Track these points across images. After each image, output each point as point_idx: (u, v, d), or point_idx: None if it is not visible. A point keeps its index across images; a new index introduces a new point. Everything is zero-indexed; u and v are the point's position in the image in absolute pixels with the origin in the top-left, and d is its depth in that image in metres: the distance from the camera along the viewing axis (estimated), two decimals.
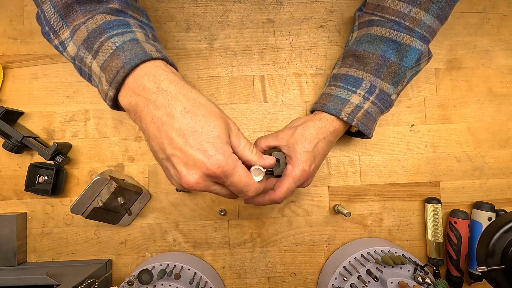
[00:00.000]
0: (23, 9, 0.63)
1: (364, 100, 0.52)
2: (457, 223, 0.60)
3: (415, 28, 0.51)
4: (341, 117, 0.52)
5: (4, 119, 0.57)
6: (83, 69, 0.43)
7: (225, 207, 0.63)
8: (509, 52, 0.65)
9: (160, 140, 0.37)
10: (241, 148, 0.41)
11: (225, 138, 0.37)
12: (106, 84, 0.39)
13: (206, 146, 0.36)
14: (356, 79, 0.53)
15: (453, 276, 0.61)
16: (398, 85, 0.53)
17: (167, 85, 0.37)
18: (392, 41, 0.51)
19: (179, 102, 0.37)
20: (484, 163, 0.64)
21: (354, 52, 0.54)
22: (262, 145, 0.54)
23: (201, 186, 0.38)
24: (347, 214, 0.58)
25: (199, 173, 0.37)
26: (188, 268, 0.56)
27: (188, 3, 0.64)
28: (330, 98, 0.54)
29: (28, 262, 0.61)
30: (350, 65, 0.55)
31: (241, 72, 0.64)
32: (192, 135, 0.36)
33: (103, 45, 0.39)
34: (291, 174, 0.49)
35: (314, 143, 0.51)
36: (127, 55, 0.38)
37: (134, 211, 0.61)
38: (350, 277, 0.55)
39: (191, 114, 0.36)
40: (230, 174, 0.37)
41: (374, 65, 0.52)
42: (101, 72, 0.40)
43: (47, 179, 0.60)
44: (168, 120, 0.36)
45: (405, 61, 0.51)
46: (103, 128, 0.63)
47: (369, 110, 0.53)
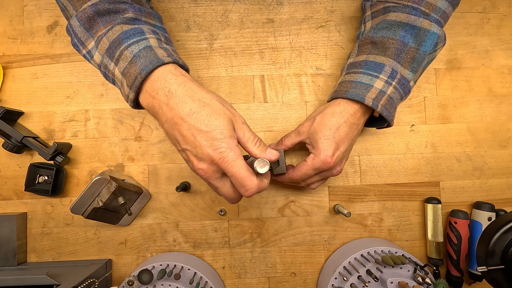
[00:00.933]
0: (23, 9, 0.63)
1: (387, 85, 0.51)
2: (457, 223, 0.60)
3: (431, 13, 0.51)
4: (366, 102, 0.50)
5: (4, 119, 0.57)
6: (107, 74, 0.49)
7: (225, 207, 0.63)
8: (509, 52, 0.65)
9: (174, 137, 0.43)
10: (245, 140, 0.44)
11: (228, 133, 0.42)
12: (127, 88, 0.45)
13: (211, 142, 0.41)
14: (377, 64, 0.52)
15: (453, 276, 0.61)
16: (416, 71, 0.53)
17: (176, 89, 0.43)
18: (410, 26, 0.50)
19: (186, 105, 0.42)
20: (484, 163, 0.64)
21: (372, 39, 0.53)
22: (287, 144, 0.55)
23: (208, 174, 0.43)
24: (347, 214, 0.58)
25: (207, 163, 0.42)
26: (188, 268, 0.56)
27: (188, 3, 0.64)
28: (352, 85, 0.52)
29: (28, 262, 0.61)
30: (369, 51, 0.54)
31: (241, 72, 0.64)
32: (199, 133, 0.41)
33: (122, 53, 0.45)
34: (312, 161, 0.51)
35: (335, 129, 0.51)
36: (142, 62, 0.43)
37: (134, 211, 0.61)
38: (350, 277, 0.55)
39: (197, 115, 0.41)
40: (231, 165, 0.41)
41: (395, 50, 0.51)
42: (122, 78, 0.46)
43: (47, 179, 0.60)
44: (178, 121, 0.42)
45: (424, 45, 0.51)
46: (103, 128, 0.63)
47: (391, 96, 0.52)
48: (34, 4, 0.63)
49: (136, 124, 0.63)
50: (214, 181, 0.43)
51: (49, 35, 0.63)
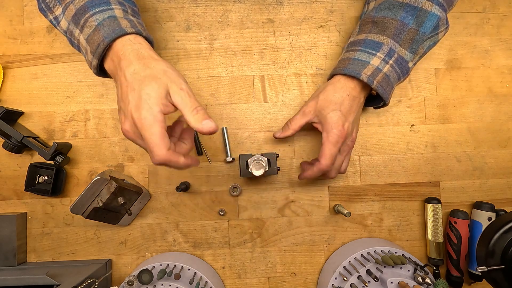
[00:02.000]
0: (23, 9, 0.63)
1: (383, 63, 0.53)
2: (457, 223, 0.60)
3: None
4: (362, 78, 0.52)
5: (4, 119, 0.57)
6: (73, 41, 0.51)
7: (225, 207, 0.63)
8: (509, 52, 0.65)
9: (118, 95, 0.45)
10: (182, 107, 0.43)
11: (155, 98, 0.41)
12: (90, 55, 0.47)
13: (137, 101, 0.42)
14: (375, 43, 0.54)
15: (453, 276, 0.61)
16: (415, 52, 0.54)
17: (129, 53, 0.45)
18: (411, 7, 0.51)
19: (132, 66, 0.44)
20: (484, 163, 0.64)
21: (373, 18, 0.55)
22: (294, 127, 0.57)
23: (130, 135, 0.44)
24: (347, 214, 0.58)
25: (129, 123, 0.43)
26: (188, 268, 0.56)
27: (188, 3, 0.64)
28: (350, 61, 0.54)
29: (28, 262, 0.61)
30: (369, 30, 0.55)
31: (241, 72, 0.64)
32: (131, 92, 0.43)
33: (87, 21, 0.47)
34: (328, 139, 0.53)
35: (340, 103, 0.53)
36: (106, 31, 0.45)
37: (134, 211, 0.61)
38: (350, 277, 0.55)
39: (136, 75, 0.43)
40: (144, 129, 0.41)
41: (394, 30, 0.52)
42: (86, 44, 0.47)
43: (47, 179, 0.60)
44: (123, 80, 0.44)
45: (423, 27, 0.52)
46: (103, 128, 0.63)
47: (388, 74, 0.53)
48: (34, 4, 0.63)
49: None
50: (138, 141, 0.44)
51: (49, 35, 0.63)
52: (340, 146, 0.54)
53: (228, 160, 0.62)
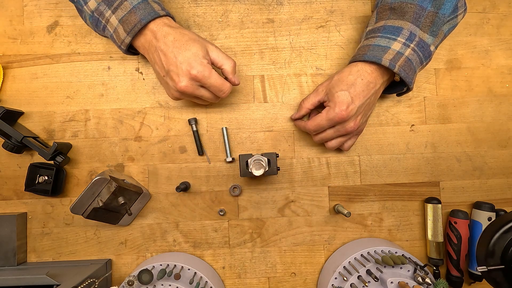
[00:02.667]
0: (23, 9, 0.63)
1: (405, 47, 0.53)
2: (457, 223, 0.60)
3: None
4: (383, 63, 0.52)
5: (4, 119, 0.57)
6: (100, 20, 0.54)
7: (225, 207, 0.63)
8: (509, 52, 0.65)
9: (160, 61, 0.53)
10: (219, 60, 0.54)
11: (201, 54, 0.52)
12: (124, 33, 0.53)
13: (189, 60, 0.51)
14: (395, 28, 0.53)
15: (453, 276, 0.61)
16: (436, 35, 0.53)
17: (162, 27, 0.53)
18: None
19: (171, 35, 0.52)
20: (484, 163, 0.64)
21: (390, 5, 0.54)
22: (307, 106, 0.59)
23: (190, 89, 0.52)
24: (347, 214, 0.58)
25: (187, 78, 0.52)
26: (188, 268, 0.56)
27: (188, 3, 0.64)
28: (370, 48, 0.54)
29: (28, 262, 0.61)
30: (388, 17, 0.55)
31: (241, 72, 0.64)
32: (179, 54, 0.51)
33: (122, 4, 0.52)
34: (325, 112, 0.54)
35: (350, 84, 0.53)
36: (142, 13, 0.52)
37: (134, 211, 0.61)
38: (350, 277, 0.55)
39: (178, 41, 0.52)
40: (207, 77, 0.52)
41: (413, 14, 0.52)
42: (118, 24, 0.53)
43: (47, 179, 0.60)
44: (164, 47, 0.52)
45: (443, 8, 0.52)
46: (103, 128, 0.63)
47: (410, 57, 0.53)
48: (34, 4, 0.63)
49: (136, 124, 0.63)
50: (196, 92, 0.53)
51: (49, 35, 0.63)
52: (336, 125, 0.55)
53: (228, 160, 0.62)
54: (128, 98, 0.63)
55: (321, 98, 0.57)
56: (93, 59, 0.63)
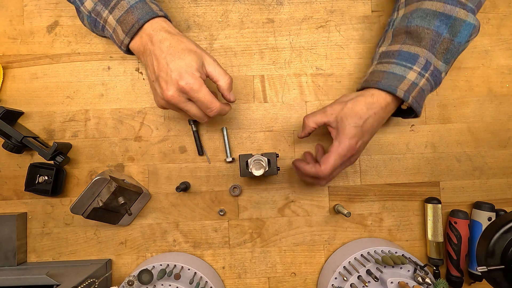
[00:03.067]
0: (23, 9, 0.63)
1: (420, 77, 0.51)
2: (457, 223, 0.60)
3: (467, 3, 0.50)
4: (398, 94, 0.50)
5: (4, 119, 0.57)
6: (98, 21, 0.53)
7: (225, 207, 0.63)
8: (509, 52, 0.65)
9: (153, 66, 0.50)
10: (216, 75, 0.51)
11: (195, 66, 0.49)
12: (123, 34, 0.51)
13: (180, 70, 0.48)
14: (411, 55, 0.52)
15: (453, 276, 0.61)
16: (449, 62, 0.52)
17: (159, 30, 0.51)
18: (446, 15, 0.50)
19: (167, 41, 0.50)
20: (484, 163, 0.64)
21: (406, 28, 0.53)
22: (310, 124, 0.55)
23: (176, 99, 0.49)
24: (347, 214, 0.58)
25: (174, 88, 0.49)
26: (188, 268, 0.56)
27: (188, 3, 0.64)
28: (385, 75, 0.52)
29: (28, 262, 0.61)
30: (403, 41, 0.53)
31: (241, 72, 0.64)
32: (172, 62, 0.49)
33: (119, 3, 0.51)
34: (337, 149, 0.52)
35: (364, 119, 0.51)
36: (140, 13, 0.50)
37: (134, 211, 0.61)
38: (350, 277, 0.55)
39: (174, 48, 0.49)
40: (196, 90, 0.49)
41: (429, 41, 0.51)
42: (116, 24, 0.51)
43: (47, 179, 0.60)
44: (158, 52, 0.49)
45: (458, 36, 0.50)
46: (103, 128, 0.63)
47: (423, 88, 0.52)
48: (34, 4, 0.63)
49: (136, 124, 0.63)
50: (182, 104, 0.50)
51: (49, 35, 0.63)
52: (345, 160, 0.53)
53: (228, 160, 0.62)
54: (128, 98, 0.63)
55: (329, 121, 0.54)
56: (93, 59, 0.63)
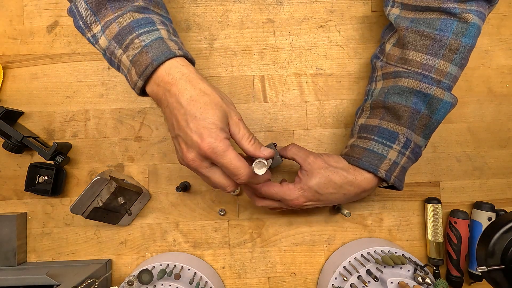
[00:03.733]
0: (23, 9, 0.63)
1: (400, 156, 0.51)
2: (457, 223, 0.60)
3: (442, 80, 0.50)
4: (379, 174, 0.50)
5: (4, 119, 0.57)
6: (113, 60, 0.48)
7: (225, 207, 0.63)
8: (509, 52, 0.65)
9: (171, 121, 0.44)
10: (239, 137, 0.45)
11: (220, 125, 0.42)
12: (136, 76, 0.45)
13: (201, 130, 0.42)
14: (391, 133, 0.51)
15: (453, 276, 0.61)
16: (428, 137, 0.52)
17: (180, 77, 0.43)
18: (422, 93, 0.50)
19: (187, 92, 0.43)
20: (484, 163, 0.64)
21: (384, 104, 0.52)
22: (289, 154, 0.54)
23: (196, 164, 0.43)
24: (347, 214, 0.58)
25: (195, 152, 0.43)
26: (188, 268, 0.56)
27: (188, 3, 0.64)
28: (365, 153, 0.51)
29: (28, 262, 0.61)
30: (382, 117, 0.52)
31: (241, 72, 0.64)
32: (192, 120, 0.42)
33: (133, 42, 0.45)
34: (285, 190, 0.51)
35: (330, 192, 0.51)
36: (154, 53, 0.44)
37: (134, 211, 0.61)
38: (350, 277, 0.55)
39: (195, 102, 0.42)
40: (220, 156, 0.42)
41: (408, 118, 0.50)
42: (130, 65, 0.45)
43: (47, 179, 0.60)
44: (177, 106, 0.43)
45: (436, 114, 0.50)
46: (103, 128, 0.63)
47: (404, 166, 0.51)
48: (34, 4, 0.63)
49: (136, 124, 0.63)
50: (203, 170, 0.44)
51: (49, 35, 0.63)
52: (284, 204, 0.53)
53: None
54: (128, 98, 0.63)
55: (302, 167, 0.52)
56: (93, 59, 0.63)
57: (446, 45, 0.49)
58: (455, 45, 0.49)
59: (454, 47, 0.49)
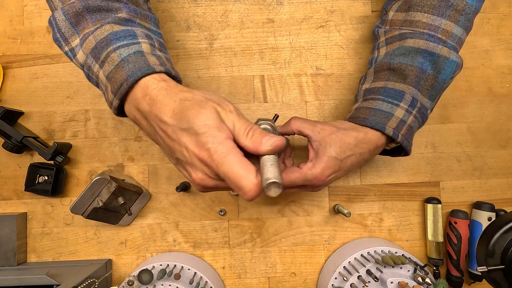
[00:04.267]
0: (23, 9, 0.63)
1: (407, 114, 0.49)
2: (457, 223, 0.60)
3: (447, 40, 0.49)
4: (386, 132, 0.48)
5: (4, 119, 0.57)
6: (91, 76, 0.44)
7: (225, 207, 0.63)
8: (509, 52, 0.65)
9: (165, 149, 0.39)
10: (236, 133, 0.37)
11: (214, 124, 0.35)
12: (111, 94, 0.41)
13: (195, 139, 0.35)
14: (397, 92, 0.50)
15: (453, 276, 0.61)
16: (434, 98, 0.51)
17: (157, 94, 0.38)
18: (428, 53, 0.49)
19: (167, 107, 0.37)
20: (484, 163, 0.64)
21: (389, 65, 0.51)
22: (294, 128, 0.50)
23: (210, 183, 0.37)
24: (347, 214, 0.58)
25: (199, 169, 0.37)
26: (188, 268, 0.56)
27: (188, 3, 0.64)
28: (371, 112, 0.50)
29: (28, 262, 0.61)
30: (387, 78, 0.51)
31: (241, 72, 0.64)
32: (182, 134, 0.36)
33: (109, 56, 0.40)
34: (306, 172, 0.46)
35: (348, 155, 0.48)
36: (130, 68, 0.39)
37: (134, 211, 0.61)
38: (350, 277, 0.55)
39: (179, 114, 0.36)
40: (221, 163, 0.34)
41: (414, 77, 0.49)
42: (107, 82, 0.41)
43: (47, 179, 0.60)
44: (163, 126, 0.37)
45: (442, 73, 0.49)
46: (103, 128, 0.63)
47: (411, 125, 0.50)
48: (34, 4, 0.63)
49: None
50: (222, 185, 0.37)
51: (49, 35, 0.63)
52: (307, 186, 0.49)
53: None
54: None
55: (312, 138, 0.48)
56: None
57: (453, 6, 0.49)
58: (461, 6, 0.49)
59: (461, 8, 0.49)
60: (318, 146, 0.48)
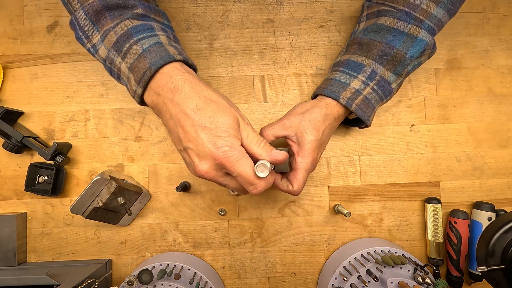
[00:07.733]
0: (23, 9, 0.63)
1: (364, 86, 0.52)
2: (457, 223, 0.60)
3: (424, 20, 0.51)
4: (340, 100, 0.51)
5: (4, 119, 0.57)
6: (113, 69, 0.48)
7: (225, 207, 0.63)
8: (509, 52, 0.65)
9: (177, 134, 0.42)
10: (248, 142, 0.43)
11: (232, 132, 0.41)
12: (135, 83, 0.44)
13: (214, 139, 0.40)
14: (357, 64, 0.53)
15: (453, 276, 0.61)
16: (399, 74, 0.53)
17: (182, 84, 0.42)
18: (399, 31, 0.51)
19: (192, 100, 0.41)
20: (484, 163, 0.64)
21: (359, 40, 0.54)
22: (268, 136, 0.52)
23: (211, 175, 0.42)
24: (347, 214, 0.58)
25: (209, 163, 0.41)
26: (188, 268, 0.56)
27: (188, 3, 0.64)
28: (331, 82, 0.54)
29: (28, 262, 0.61)
30: (354, 51, 0.55)
31: (241, 72, 0.64)
32: (203, 130, 0.40)
33: (131, 48, 0.44)
34: (303, 166, 0.50)
35: (322, 131, 0.51)
36: (152, 57, 0.43)
37: (134, 211, 0.61)
38: (350, 277, 0.55)
39: (202, 111, 0.41)
40: (236, 164, 0.40)
41: (378, 52, 0.52)
42: (129, 73, 0.45)
43: (47, 179, 0.60)
44: (182, 117, 0.41)
45: (410, 51, 0.51)
46: (103, 128, 0.63)
47: (368, 96, 0.52)
48: (34, 4, 0.63)
49: (136, 124, 0.63)
50: (220, 179, 0.43)
51: (49, 35, 0.63)
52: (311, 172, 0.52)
53: None
54: (128, 98, 0.63)
55: (288, 135, 0.51)
56: (93, 59, 0.63)
57: None
58: None
59: None
60: (297, 139, 0.51)
